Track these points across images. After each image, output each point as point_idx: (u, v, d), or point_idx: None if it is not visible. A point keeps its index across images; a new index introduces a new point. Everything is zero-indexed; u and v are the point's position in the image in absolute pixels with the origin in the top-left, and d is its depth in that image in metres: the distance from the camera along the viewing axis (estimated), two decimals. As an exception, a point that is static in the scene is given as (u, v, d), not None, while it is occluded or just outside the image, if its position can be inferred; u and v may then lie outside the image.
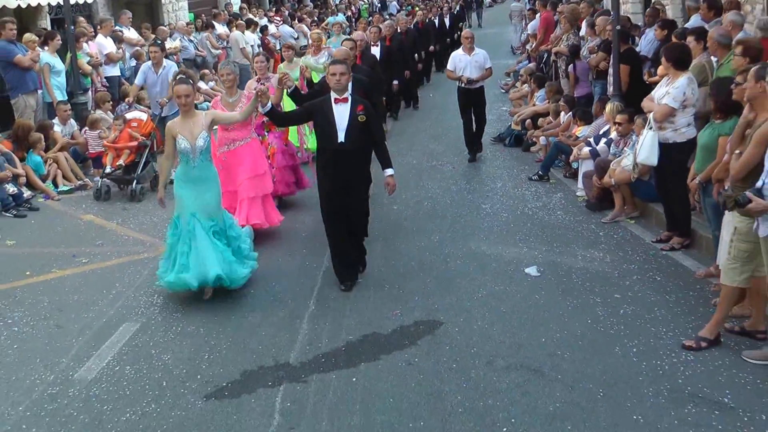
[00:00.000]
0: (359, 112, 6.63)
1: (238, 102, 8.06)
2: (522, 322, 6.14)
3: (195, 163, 6.67)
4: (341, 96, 6.66)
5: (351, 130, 6.61)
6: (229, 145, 8.11)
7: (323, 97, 6.83)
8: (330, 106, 6.65)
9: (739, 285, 5.59)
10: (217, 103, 8.28)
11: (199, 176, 6.71)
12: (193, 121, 6.68)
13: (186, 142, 6.62)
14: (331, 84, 6.69)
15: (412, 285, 6.96)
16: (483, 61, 11.45)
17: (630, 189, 8.64)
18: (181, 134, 6.64)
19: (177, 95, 6.70)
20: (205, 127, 6.68)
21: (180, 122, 6.74)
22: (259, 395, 5.16)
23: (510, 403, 4.95)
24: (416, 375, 5.36)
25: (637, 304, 6.38)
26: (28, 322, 6.48)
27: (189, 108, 6.72)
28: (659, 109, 7.24)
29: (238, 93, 8.22)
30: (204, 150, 6.71)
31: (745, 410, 4.77)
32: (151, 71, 10.99)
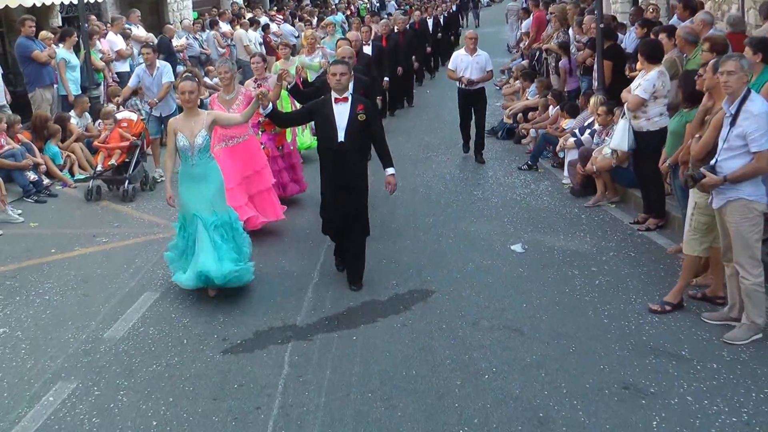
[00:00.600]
0: (359, 112, 6.66)
1: (235, 99, 8.19)
2: (506, 291, 6.78)
3: (194, 160, 6.74)
4: (341, 96, 6.70)
5: (351, 129, 6.65)
6: (227, 142, 8.20)
7: (324, 97, 6.87)
8: (330, 106, 6.69)
9: (700, 254, 6.25)
10: (214, 100, 8.36)
11: (199, 173, 6.78)
12: (195, 120, 6.75)
13: (185, 139, 6.70)
14: (331, 84, 6.70)
15: (407, 260, 7.59)
16: (484, 63, 11.42)
17: (611, 176, 9.28)
18: (181, 132, 6.72)
19: (181, 91, 6.78)
20: (205, 126, 6.73)
21: (182, 120, 6.85)
22: (270, 350, 5.80)
23: (492, 356, 5.59)
24: (409, 334, 6.01)
25: (611, 276, 7.03)
26: (57, 291, 7.13)
27: (193, 105, 6.79)
28: (631, 99, 7.89)
29: (236, 90, 8.29)
30: (203, 148, 6.76)
31: (699, 360, 5.42)
32: (146, 73, 11.01)
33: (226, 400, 5.12)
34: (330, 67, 6.87)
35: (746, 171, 5.42)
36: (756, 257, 5.60)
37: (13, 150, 10.13)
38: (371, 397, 5.09)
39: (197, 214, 6.70)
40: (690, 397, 4.96)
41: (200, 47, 17.29)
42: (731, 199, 5.56)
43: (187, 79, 7.00)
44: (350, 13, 27.76)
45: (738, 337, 5.68)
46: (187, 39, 16.83)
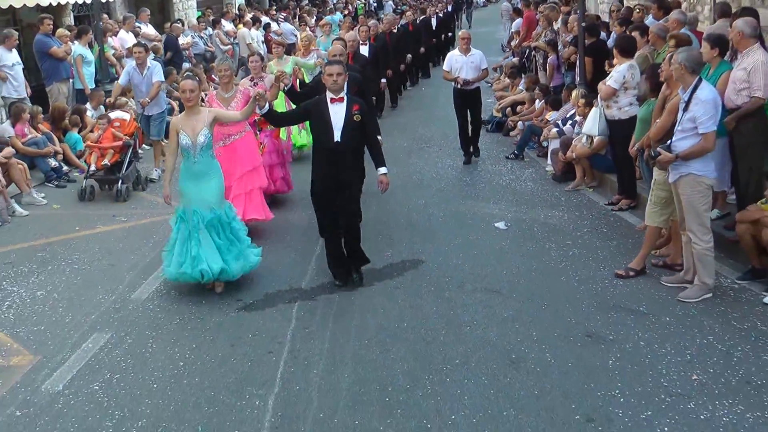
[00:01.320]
0: (355, 112, 6.73)
1: (233, 97, 8.23)
2: (488, 260, 7.57)
3: (196, 158, 6.85)
4: (337, 96, 6.76)
5: (347, 129, 6.72)
6: (225, 140, 8.27)
7: (319, 97, 6.93)
8: (326, 106, 6.76)
9: (660, 225, 7.05)
10: (213, 98, 8.41)
11: (201, 171, 6.89)
12: (197, 118, 6.84)
13: (187, 138, 6.80)
14: (327, 84, 6.77)
15: (400, 235, 8.38)
16: (479, 62, 11.37)
17: (589, 162, 10.08)
18: (183, 130, 6.82)
19: (182, 90, 6.89)
20: (207, 125, 6.83)
21: (183, 118, 6.94)
22: (279, 308, 6.59)
23: (473, 312, 6.39)
24: (402, 294, 6.80)
25: (584, 248, 7.82)
26: (85, 262, 7.91)
27: (194, 104, 6.87)
28: (604, 89, 8.70)
29: (234, 89, 8.35)
30: (205, 146, 6.86)
31: (654, 315, 6.21)
32: (136, 72, 10.99)
33: (242, 347, 5.90)
34: (326, 67, 6.93)
35: (694, 149, 6.22)
36: (705, 225, 6.40)
37: (36, 138, 10.91)
38: (368, 344, 5.88)
39: (197, 209, 6.84)
40: (643, 343, 5.75)
41: (205, 45, 18.04)
42: (683, 174, 6.35)
43: (188, 78, 7.19)
44: (348, 13, 28.52)
45: (690, 296, 6.47)
46: (193, 37, 17.59)
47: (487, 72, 12.33)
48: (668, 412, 4.84)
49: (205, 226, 6.81)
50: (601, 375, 5.32)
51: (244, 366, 5.61)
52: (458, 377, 5.35)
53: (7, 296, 7.07)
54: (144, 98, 10.92)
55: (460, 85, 11.33)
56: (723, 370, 5.32)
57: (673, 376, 5.26)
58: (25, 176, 10.10)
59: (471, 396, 5.10)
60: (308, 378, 5.42)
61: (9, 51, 11.81)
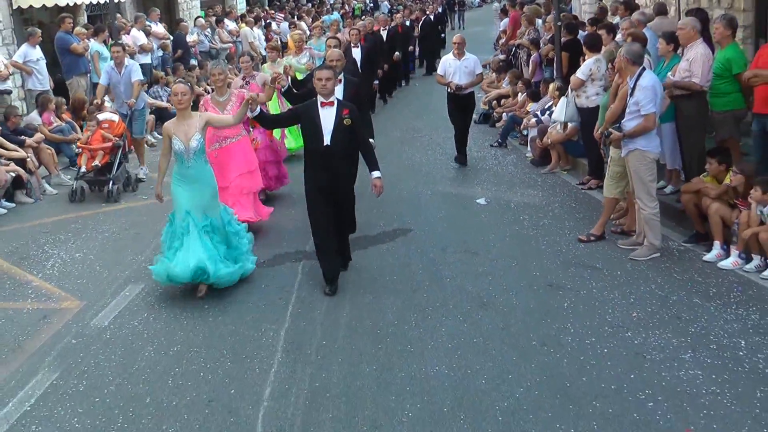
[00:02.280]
0: (345, 116, 6.82)
1: (228, 101, 8.32)
2: (468, 229, 8.65)
3: (190, 163, 6.94)
4: (327, 100, 6.84)
5: (336, 132, 6.81)
6: (221, 143, 8.40)
7: (310, 101, 7.02)
8: (316, 109, 6.85)
9: (615, 196, 8.12)
10: (207, 102, 8.51)
11: (194, 175, 6.98)
12: (188, 123, 6.93)
13: (180, 143, 6.88)
14: (317, 88, 6.83)
15: (392, 210, 9.43)
16: (473, 67, 11.24)
17: (563, 148, 11.15)
18: (175, 135, 6.90)
19: (174, 93, 7.00)
20: (199, 129, 6.92)
21: (175, 123, 7.01)
22: (287, 265, 7.67)
23: (453, 268, 7.46)
24: (393, 255, 7.88)
25: (554, 220, 8.89)
26: (114, 231, 8.99)
27: (185, 107, 6.94)
28: (573, 80, 9.78)
29: (228, 92, 8.42)
30: (198, 150, 6.95)
31: (607, 270, 7.29)
32: (114, 71, 11.14)
33: (256, 294, 6.96)
34: (316, 71, 7.00)
35: (638, 128, 7.31)
36: (651, 194, 7.48)
37: (60, 126, 11.96)
38: (362, 292, 6.95)
39: (190, 212, 6.93)
40: (595, 290, 6.83)
41: (210, 43, 19.10)
42: (631, 150, 7.44)
43: (180, 82, 7.33)
44: (344, 13, 29.55)
45: (640, 255, 7.54)
46: (198, 36, 18.65)
47: (482, 77, 12.29)
48: (609, 339, 5.91)
49: (199, 231, 6.88)
50: (557, 313, 6.39)
51: (259, 308, 6.67)
52: (437, 315, 6.42)
53: (50, 257, 8.15)
54: (122, 97, 11.12)
55: (452, 90, 11.24)
56: (659, 309, 6.39)
57: (617, 315, 6.33)
58: (53, 160, 11.14)
59: (447, 328, 6.17)
60: (312, 316, 6.49)
61: (33, 47, 12.85)
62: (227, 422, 4.96)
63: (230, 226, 7.22)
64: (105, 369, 5.75)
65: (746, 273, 7.02)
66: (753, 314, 6.21)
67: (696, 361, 5.51)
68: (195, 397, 5.28)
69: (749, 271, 7.05)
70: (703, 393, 5.10)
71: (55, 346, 6.09)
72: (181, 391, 5.38)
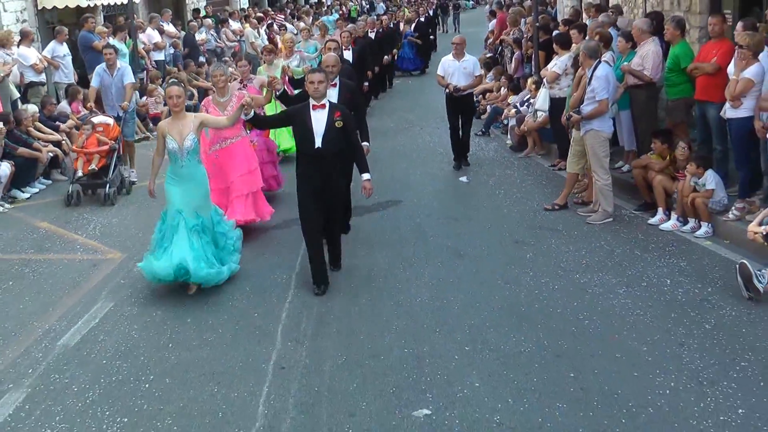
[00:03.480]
0: (336, 118, 6.90)
1: (229, 102, 8.39)
2: (450, 201, 10.02)
3: (183, 162, 7.03)
4: (319, 102, 6.92)
5: (328, 135, 6.89)
6: (221, 143, 8.51)
7: (302, 104, 7.12)
8: (308, 112, 6.93)
9: (577, 172, 9.46)
10: (209, 102, 8.63)
11: (187, 175, 7.07)
12: (183, 123, 7.02)
13: (174, 142, 6.97)
14: (309, 91, 6.91)
15: (385, 186, 10.68)
16: (472, 68, 11.28)
17: (538, 134, 12.50)
18: (170, 135, 6.99)
19: (169, 96, 7.09)
20: (193, 129, 7.01)
21: (170, 123, 7.11)
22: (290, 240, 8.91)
23: (436, 229, 8.80)
24: (385, 220, 9.22)
25: (524, 193, 10.23)
26: (144, 203, 10.25)
27: (180, 109, 7.04)
28: (548, 74, 11.11)
29: (229, 93, 8.50)
30: (192, 150, 7.03)
31: (566, 231, 8.62)
32: (106, 73, 11.20)
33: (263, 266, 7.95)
34: (308, 74, 7.06)
35: (593, 112, 8.66)
36: (604, 167, 8.82)
37: (87, 114, 13.23)
38: (357, 248, 8.24)
39: (181, 211, 7.04)
40: (554, 246, 8.16)
41: (216, 42, 20.41)
42: (588, 130, 8.79)
43: (174, 84, 7.42)
44: (342, 14, 30.86)
45: (595, 219, 8.88)
46: (206, 35, 19.96)
47: (481, 79, 12.40)
48: (560, 279, 7.25)
49: (188, 231, 6.99)
50: (520, 262, 7.74)
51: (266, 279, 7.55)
52: (421, 263, 7.76)
53: (90, 222, 9.51)
54: (113, 99, 11.20)
55: (450, 91, 11.26)
56: (604, 258, 7.74)
57: (569, 262, 7.68)
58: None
59: (429, 272, 7.51)
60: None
61: (60, 44, 14.16)
62: (254, 334, 6.27)
63: (219, 227, 7.33)
64: (154, 299, 7.08)
65: (683, 233, 8.35)
66: (681, 262, 7.56)
67: (628, 294, 6.85)
68: (228, 311, 6.61)
69: (685, 231, 8.38)
70: (629, 315, 6.44)
71: (107, 285, 7.43)
72: (215, 311, 6.72)
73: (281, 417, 5.07)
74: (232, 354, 5.98)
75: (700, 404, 5.01)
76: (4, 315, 6.87)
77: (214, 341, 6.23)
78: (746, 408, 4.95)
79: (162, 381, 5.59)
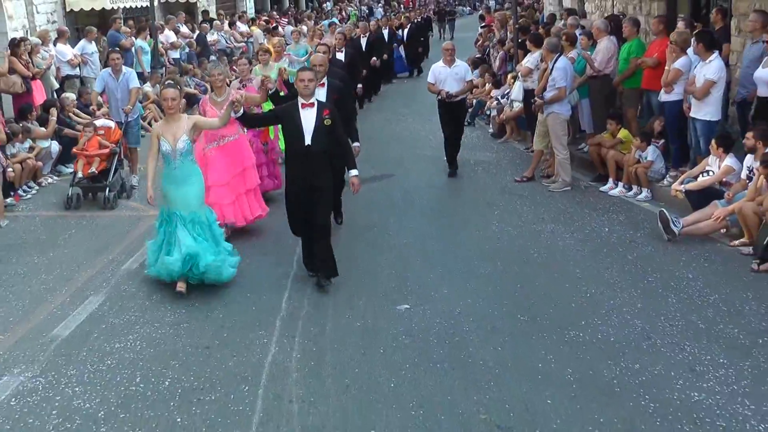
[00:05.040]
0: (325, 117, 7.01)
1: (226, 101, 8.18)
2: (433, 175, 11.70)
3: (176, 164, 7.09)
4: (308, 101, 7.03)
5: (317, 133, 6.99)
6: (219, 141, 8.63)
7: (291, 102, 7.21)
8: (297, 110, 7.04)
9: (541, 149, 11.15)
10: (206, 101, 8.73)
11: (181, 176, 7.13)
12: (177, 125, 7.06)
13: (167, 144, 7.02)
14: (299, 89, 7.04)
15: (381, 164, 12.40)
16: (464, 74, 11.41)
17: (516, 123, 14.21)
18: (163, 136, 7.04)
19: (164, 98, 7.10)
20: (186, 131, 7.05)
21: (164, 124, 7.20)
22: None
23: (421, 194, 10.54)
24: (380, 188, 10.93)
25: (500, 170, 11.94)
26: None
27: (174, 111, 7.08)
28: (522, 69, 12.82)
29: (227, 93, 8.54)
30: (185, 152, 7.08)
31: (530, 196, 10.32)
32: (112, 78, 11.16)
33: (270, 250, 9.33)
34: (299, 72, 7.18)
35: (553, 97, 10.38)
36: (563, 144, 10.54)
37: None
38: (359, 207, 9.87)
39: (177, 212, 7.13)
40: (518, 207, 9.86)
41: (226, 42, 22.15)
42: (549, 112, 10.51)
43: (170, 86, 7.37)
44: (341, 19, 32.59)
45: (555, 188, 10.57)
46: (217, 36, 21.70)
47: (473, 84, 12.75)
48: (519, 228, 8.95)
49: (186, 225, 7.10)
50: (488, 217, 9.43)
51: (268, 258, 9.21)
52: (408, 219, 9.46)
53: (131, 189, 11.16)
54: (118, 104, 11.16)
55: (443, 97, 11.34)
56: (558, 215, 9.44)
57: (529, 218, 9.37)
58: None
59: (414, 225, 9.21)
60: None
61: (90, 42, 15.87)
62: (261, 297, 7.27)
63: (214, 227, 7.42)
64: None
65: (627, 198, 10.04)
66: (620, 217, 9.27)
67: (572, 237, 8.57)
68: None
69: (629, 196, 10.06)
70: (570, 251, 8.16)
71: (151, 233, 9.09)
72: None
73: (295, 321, 6.75)
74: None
75: (610, 302, 6.74)
76: (75, 251, 8.60)
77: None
78: (646, 306, 6.64)
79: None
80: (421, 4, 48.82)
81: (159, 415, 5.20)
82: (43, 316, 6.87)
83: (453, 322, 6.42)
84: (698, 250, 7.99)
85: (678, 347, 5.86)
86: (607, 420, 4.91)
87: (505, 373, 5.54)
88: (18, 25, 16.22)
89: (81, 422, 5.14)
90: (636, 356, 5.75)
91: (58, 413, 5.26)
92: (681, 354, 5.76)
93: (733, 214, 8.08)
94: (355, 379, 5.56)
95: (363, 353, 5.94)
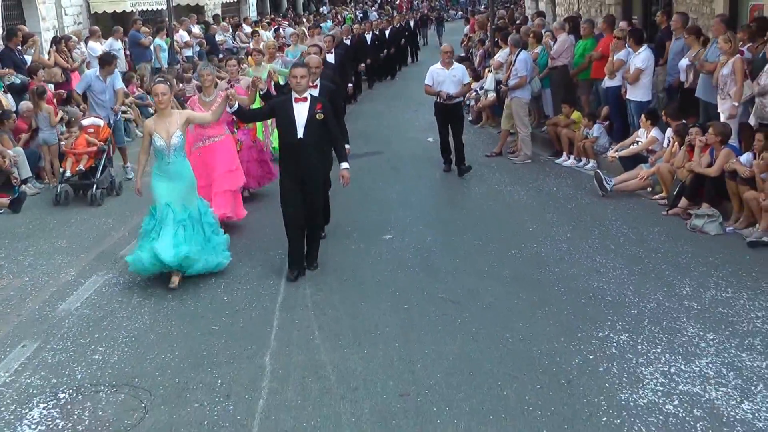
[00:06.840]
0: (318, 111, 7.17)
1: (214, 101, 8.38)
2: (419, 152, 13.71)
3: (170, 159, 7.12)
4: (301, 96, 7.19)
5: (309, 126, 7.17)
6: (204, 141, 8.70)
7: (285, 96, 7.39)
8: (291, 105, 7.20)
9: (507, 129, 13.17)
10: (195, 102, 8.81)
11: (174, 171, 7.19)
12: (169, 121, 7.10)
13: (161, 140, 7.04)
14: (292, 84, 7.23)
15: (372, 143, 14.41)
16: (461, 76, 11.66)
17: (491, 110, 16.24)
18: (157, 132, 7.05)
19: (155, 93, 7.12)
20: (179, 126, 7.09)
21: (156, 120, 7.18)
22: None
23: (406, 167, 12.54)
24: (371, 162, 12.93)
25: (473, 148, 13.81)
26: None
27: (166, 106, 7.12)
28: (494, 63, 14.85)
29: (215, 93, 8.62)
30: (178, 147, 7.15)
31: (497, 168, 12.32)
32: (99, 80, 11.44)
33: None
34: (292, 69, 7.37)
35: (515, 84, 12.41)
36: (525, 123, 12.58)
37: (140, 94, 16.96)
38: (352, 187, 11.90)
39: (170, 204, 7.15)
40: (487, 175, 11.86)
41: (233, 42, 24.17)
42: (512, 97, 12.55)
43: (160, 82, 7.42)
44: (337, 23, 34.50)
45: (518, 160, 12.60)
46: (224, 36, 23.71)
47: (470, 87, 13.18)
48: (486, 189, 10.99)
49: (176, 222, 7.12)
50: (462, 183, 11.45)
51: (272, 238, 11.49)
52: (393, 185, 11.48)
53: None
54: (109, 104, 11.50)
55: (442, 99, 11.52)
56: (517, 180, 11.46)
57: (493, 181, 11.42)
58: (139, 117, 16.13)
59: (397, 189, 11.22)
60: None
61: (117, 41, 17.87)
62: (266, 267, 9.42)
63: (206, 218, 7.47)
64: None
65: (577, 168, 12.07)
66: (568, 180, 11.32)
67: (526, 194, 10.65)
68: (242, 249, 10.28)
69: (579, 167, 12.09)
70: (521, 202, 10.22)
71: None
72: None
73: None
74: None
75: (546, 233, 8.80)
76: (106, 215, 10.38)
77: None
78: (574, 236, 8.67)
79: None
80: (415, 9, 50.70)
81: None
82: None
83: (424, 246, 8.46)
84: (625, 202, 10.02)
85: (590, 259, 7.91)
86: (528, 297, 6.95)
87: (461, 272, 7.60)
88: (49, 26, 18.28)
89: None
90: (558, 264, 7.79)
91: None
92: (591, 263, 7.80)
93: (654, 175, 10.12)
94: (353, 275, 7.65)
95: (357, 264, 7.97)
